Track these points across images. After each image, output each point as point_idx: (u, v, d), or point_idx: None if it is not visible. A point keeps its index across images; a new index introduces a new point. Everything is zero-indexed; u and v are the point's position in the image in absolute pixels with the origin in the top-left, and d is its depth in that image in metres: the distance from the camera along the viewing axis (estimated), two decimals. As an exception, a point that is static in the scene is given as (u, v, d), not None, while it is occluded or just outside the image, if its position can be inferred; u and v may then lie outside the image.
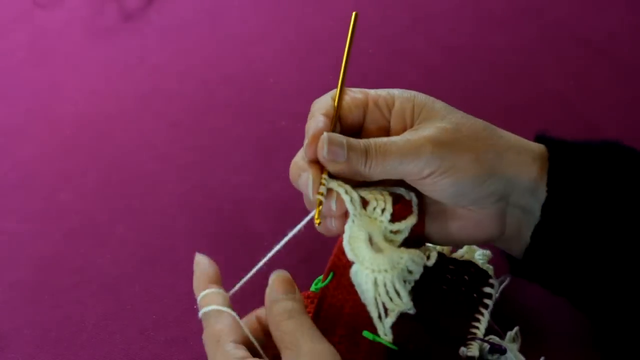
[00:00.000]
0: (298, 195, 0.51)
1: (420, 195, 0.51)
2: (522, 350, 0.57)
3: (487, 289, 0.57)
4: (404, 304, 0.48)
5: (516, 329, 0.58)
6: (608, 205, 0.47)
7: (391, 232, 0.49)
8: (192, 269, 0.67)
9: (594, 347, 0.58)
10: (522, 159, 0.49)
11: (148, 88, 0.87)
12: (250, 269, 0.51)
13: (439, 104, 0.50)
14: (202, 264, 0.51)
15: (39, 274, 0.69)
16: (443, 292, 0.56)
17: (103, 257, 0.70)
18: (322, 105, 0.50)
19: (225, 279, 0.52)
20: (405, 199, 0.50)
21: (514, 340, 0.57)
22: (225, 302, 0.49)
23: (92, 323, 0.65)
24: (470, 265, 0.58)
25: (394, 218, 0.49)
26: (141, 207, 0.74)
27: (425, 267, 0.50)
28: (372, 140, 0.48)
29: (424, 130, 0.48)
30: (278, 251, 0.51)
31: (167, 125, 0.83)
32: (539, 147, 0.51)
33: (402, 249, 0.49)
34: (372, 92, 0.52)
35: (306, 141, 0.49)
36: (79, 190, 0.77)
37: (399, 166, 0.47)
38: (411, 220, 0.49)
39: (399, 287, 0.48)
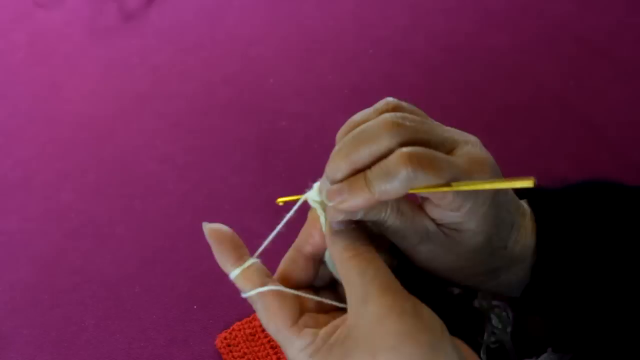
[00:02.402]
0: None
1: None
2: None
3: None
4: None
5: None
6: (595, 257, 0.46)
7: None
8: (192, 269, 0.68)
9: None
10: (519, 285, 0.48)
11: (148, 88, 0.87)
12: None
13: (481, 239, 0.44)
14: (218, 232, 0.46)
15: (39, 274, 0.69)
16: None
17: (103, 257, 0.70)
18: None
19: (225, 279, 0.52)
20: None
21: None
22: (261, 277, 0.44)
23: (92, 323, 0.65)
24: None
25: None
26: (141, 207, 0.74)
27: None
28: (392, 222, 0.43)
29: (439, 248, 0.44)
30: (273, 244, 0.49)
31: (167, 125, 0.83)
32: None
33: None
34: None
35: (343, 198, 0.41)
36: (79, 190, 0.77)
37: (398, 243, 0.45)
38: None
39: None
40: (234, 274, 0.45)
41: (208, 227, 0.46)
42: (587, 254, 0.46)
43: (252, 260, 0.45)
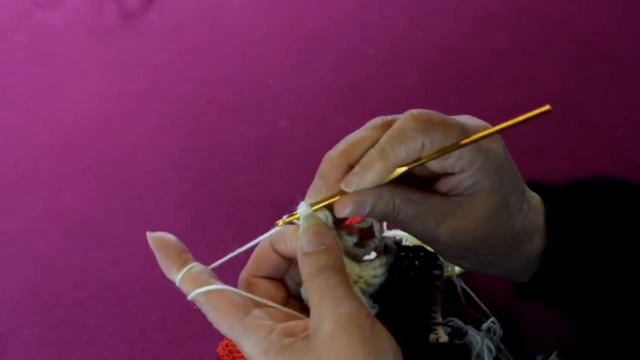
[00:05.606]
0: (298, 195, 0.51)
1: None
2: (517, 349, 0.58)
3: (436, 271, 0.58)
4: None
5: (491, 319, 0.59)
6: (603, 245, 0.48)
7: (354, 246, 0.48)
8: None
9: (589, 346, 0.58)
10: (531, 266, 0.48)
11: (148, 88, 0.87)
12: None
13: (498, 198, 0.45)
14: (161, 240, 0.46)
15: (39, 274, 0.69)
16: (395, 280, 0.55)
17: (103, 257, 0.70)
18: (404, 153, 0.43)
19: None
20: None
21: (488, 330, 0.58)
22: (206, 279, 0.45)
23: (92, 323, 0.65)
24: (420, 249, 0.58)
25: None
26: (141, 207, 0.74)
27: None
28: (404, 212, 0.44)
29: (459, 220, 0.44)
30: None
31: (168, 126, 0.83)
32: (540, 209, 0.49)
33: (363, 264, 0.47)
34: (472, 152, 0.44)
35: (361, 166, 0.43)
36: (79, 190, 0.77)
37: (417, 231, 0.45)
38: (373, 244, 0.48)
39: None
40: (177, 277, 0.45)
41: (152, 236, 0.46)
42: (596, 242, 0.47)
43: (193, 264, 0.45)
